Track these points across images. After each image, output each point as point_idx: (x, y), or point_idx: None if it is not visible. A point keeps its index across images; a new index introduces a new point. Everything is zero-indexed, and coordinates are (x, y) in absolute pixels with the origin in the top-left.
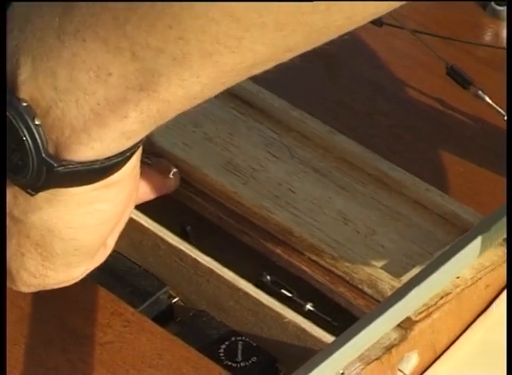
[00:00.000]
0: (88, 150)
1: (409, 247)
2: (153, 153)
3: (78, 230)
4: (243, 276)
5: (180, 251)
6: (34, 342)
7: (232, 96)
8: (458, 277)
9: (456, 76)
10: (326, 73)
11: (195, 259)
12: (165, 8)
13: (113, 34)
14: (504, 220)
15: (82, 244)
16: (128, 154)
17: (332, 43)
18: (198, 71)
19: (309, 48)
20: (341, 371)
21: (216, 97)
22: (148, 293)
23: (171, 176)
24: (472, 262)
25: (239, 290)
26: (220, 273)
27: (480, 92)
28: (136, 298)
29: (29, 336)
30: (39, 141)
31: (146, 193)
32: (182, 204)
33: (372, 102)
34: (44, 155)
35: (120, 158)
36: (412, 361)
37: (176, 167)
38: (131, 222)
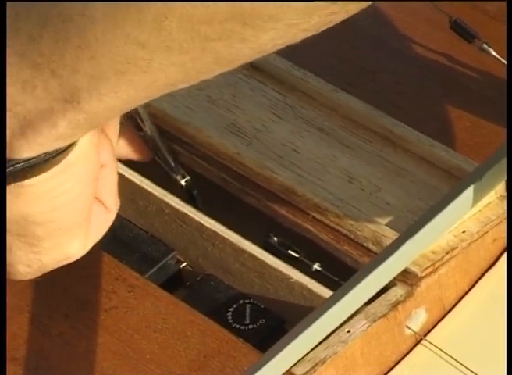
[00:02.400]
0: (29, 151)
1: (414, 203)
2: (155, 117)
3: (51, 213)
4: (250, 238)
5: (184, 214)
6: (39, 310)
7: None
8: (464, 232)
9: (459, 29)
10: (329, 31)
11: (199, 223)
12: (73, 29)
13: (30, 51)
14: (496, 168)
15: (61, 223)
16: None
17: None
18: (115, 88)
19: (226, 69)
20: (347, 329)
21: None
22: (156, 259)
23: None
24: (466, 212)
25: (244, 252)
26: (225, 236)
27: (485, 45)
28: (144, 264)
29: (33, 304)
30: None
31: (124, 149)
32: (187, 168)
33: (376, 59)
34: None
35: (63, 150)
36: (420, 318)
37: (179, 131)
38: (135, 188)
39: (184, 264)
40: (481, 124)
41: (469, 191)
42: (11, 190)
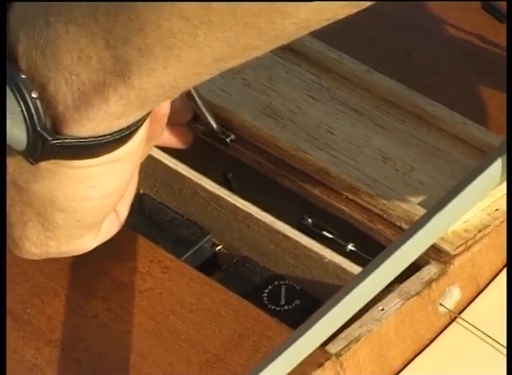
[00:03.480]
0: (80, 127)
1: (448, 182)
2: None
3: (80, 203)
4: (284, 220)
5: (219, 197)
6: (74, 293)
7: None
8: (497, 210)
9: (491, 10)
10: (362, 12)
11: (234, 205)
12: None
13: (88, 20)
14: None
15: (84, 216)
16: (127, 132)
17: None
18: (164, 63)
19: (274, 46)
20: (381, 307)
21: None
22: (191, 242)
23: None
24: (494, 186)
25: (278, 232)
26: (258, 217)
27: None
28: (180, 248)
29: (69, 287)
30: (34, 113)
31: (167, 139)
32: (221, 151)
33: (409, 41)
34: (38, 128)
35: (118, 136)
36: (454, 296)
37: (214, 114)
38: (171, 172)
39: (220, 247)
40: None
41: (497, 164)
42: (50, 168)
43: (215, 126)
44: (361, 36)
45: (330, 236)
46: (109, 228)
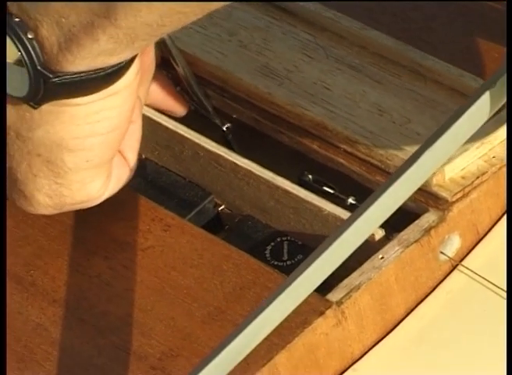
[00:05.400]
0: (76, 64)
1: None
2: (187, 62)
3: (86, 140)
4: (285, 177)
5: (219, 156)
6: (76, 253)
7: (266, 3)
8: (494, 157)
9: None
10: None
11: (234, 163)
12: None
13: None
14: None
15: (92, 155)
16: (122, 64)
17: None
18: (147, 2)
19: None
20: (380, 256)
21: (250, 5)
22: (194, 203)
23: None
24: (484, 119)
25: (278, 188)
26: (258, 174)
27: None
28: (183, 210)
29: (71, 248)
30: (33, 53)
31: (157, 96)
32: (220, 112)
33: None
34: (39, 67)
35: (114, 69)
36: (454, 243)
37: (211, 75)
38: (171, 134)
39: (222, 207)
40: None
41: (485, 97)
42: (52, 110)
43: (210, 109)
44: None
45: (331, 191)
46: (120, 176)
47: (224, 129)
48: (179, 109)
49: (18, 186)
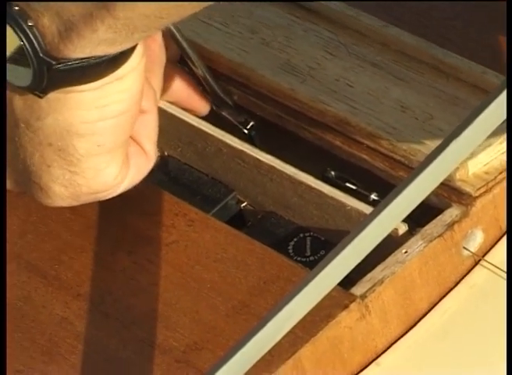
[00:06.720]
0: (78, 53)
1: None
2: (209, 60)
3: (96, 124)
4: (307, 173)
5: (242, 152)
6: (101, 248)
7: (288, 2)
8: None
9: None
10: None
11: (256, 159)
12: None
13: None
14: None
15: (103, 139)
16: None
17: None
18: None
19: None
20: (404, 250)
21: (271, 4)
22: (217, 200)
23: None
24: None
25: (301, 183)
26: (281, 169)
27: None
28: (206, 206)
29: (95, 243)
30: (34, 41)
31: (181, 94)
32: (243, 109)
33: None
34: (41, 54)
35: (117, 54)
36: (477, 238)
37: (233, 72)
38: (194, 130)
39: (245, 204)
40: None
41: (502, 97)
42: (60, 97)
43: (232, 105)
44: None
45: (353, 187)
46: (139, 165)
47: (245, 131)
48: (203, 108)
49: (33, 179)
